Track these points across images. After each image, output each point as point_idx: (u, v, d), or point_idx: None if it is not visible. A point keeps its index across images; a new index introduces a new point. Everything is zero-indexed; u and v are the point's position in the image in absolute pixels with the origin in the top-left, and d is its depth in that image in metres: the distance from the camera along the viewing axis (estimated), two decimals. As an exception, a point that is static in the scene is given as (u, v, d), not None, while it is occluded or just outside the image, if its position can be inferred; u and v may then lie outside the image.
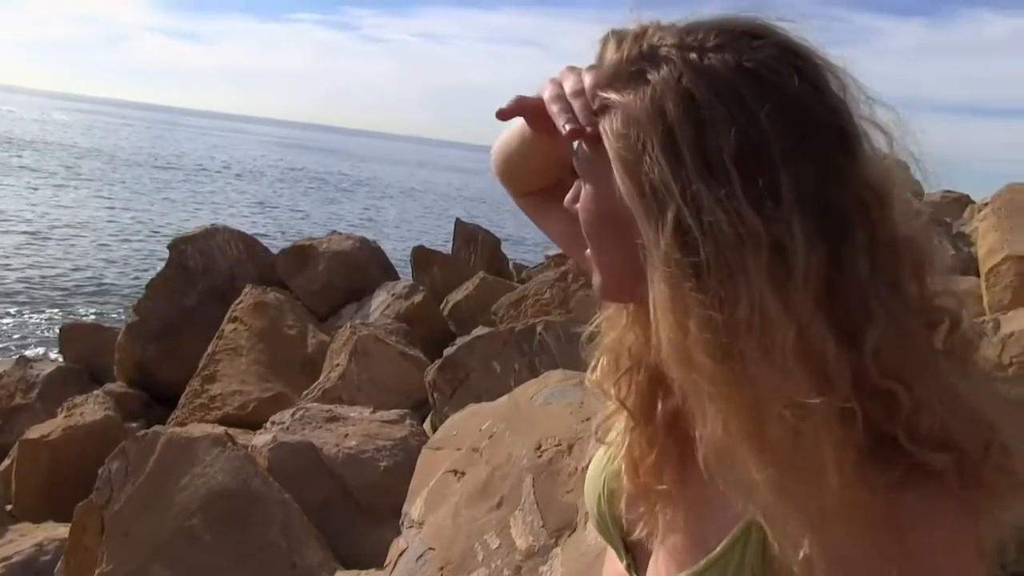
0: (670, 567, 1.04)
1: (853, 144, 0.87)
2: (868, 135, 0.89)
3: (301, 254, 12.15)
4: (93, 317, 17.27)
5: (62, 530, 5.94)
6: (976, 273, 7.07)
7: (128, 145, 76.23)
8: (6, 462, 7.99)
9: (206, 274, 11.64)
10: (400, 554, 3.78)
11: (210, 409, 8.95)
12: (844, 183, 0.84)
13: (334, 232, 13.56)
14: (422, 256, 13.12)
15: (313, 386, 8.35)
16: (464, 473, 3.79)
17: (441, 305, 11.27)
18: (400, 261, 14.56)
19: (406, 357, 8.50)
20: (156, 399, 10.50)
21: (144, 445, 5.24)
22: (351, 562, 5.11)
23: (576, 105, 0.95)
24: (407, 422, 6.61)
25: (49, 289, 20.27)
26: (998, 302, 6.49)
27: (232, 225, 13.57)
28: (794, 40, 0.89)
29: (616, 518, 1.16)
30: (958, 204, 11.05)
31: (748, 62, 0.86)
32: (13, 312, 18.16)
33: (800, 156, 0.83)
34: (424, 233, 32.91)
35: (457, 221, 15.62)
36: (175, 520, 5.02)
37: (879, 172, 0.87)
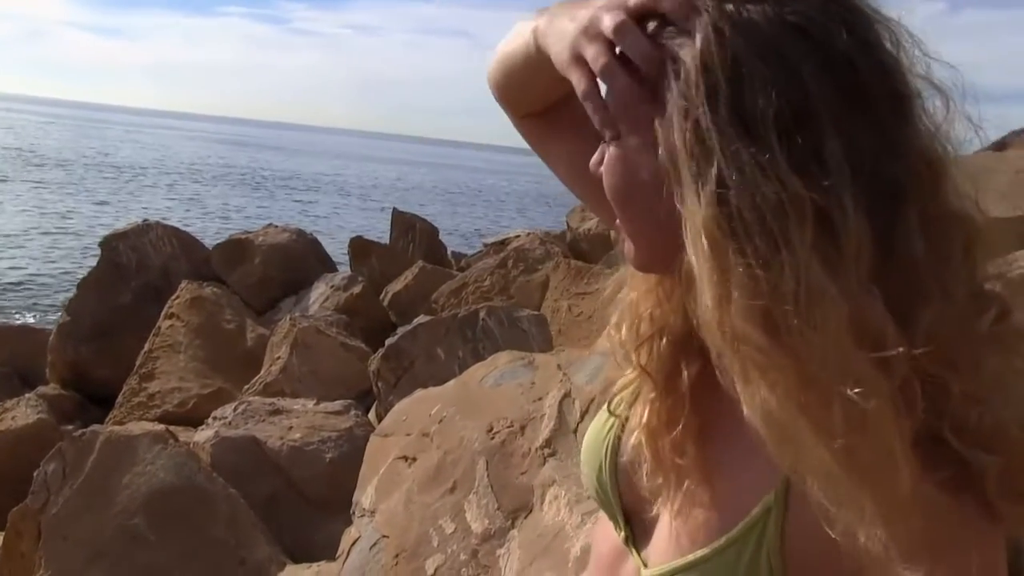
0: (682, 543, 0.97)
1: (906, 109, 0.80)
2: (923, 97, 0.81)
3: (237, 248, 12.00)
4: (26, 319, 16.83)
5: (-4, 538, 5.78)
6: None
7: (55, 143, 74.41)
8: (-65, 471, 7.76)
9: (140, 271, 11.42)
10: (352, 544, 3.71)
11: (149, 407, 8.78)
12: (896, 152, 0.78)
13: (270, 225, 13.39)
14: (360, 247, 13.00)
15: (254, 380, 8.24)
16: (415, 459, 3.73)
17: (381, 295, 11.22)
18: (337, 253, 14.41)
19: (348, 348, 8.44)
20: (92, 400, 10.26)
21: (82, 445, 5.09)
22: (300, 556, 5.04)
23: (632, 42, 0.86)
24: (351, 413, 6.56)
25: (-26, 293, 19.73)
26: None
27: (165, 222, 13.32)
28: None
29: (617, 490, 1.10)
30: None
31: (791, 15, 0.78)
32: (-64, 319, 17.63)
33: (848, 121, 0.76)
34: (360, 224, 32.61)
35: (394, 211, 15.54)
36: (116, 520, 4.89)
37: (934, 141, 0.81)
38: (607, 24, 0.87)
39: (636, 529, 1.08)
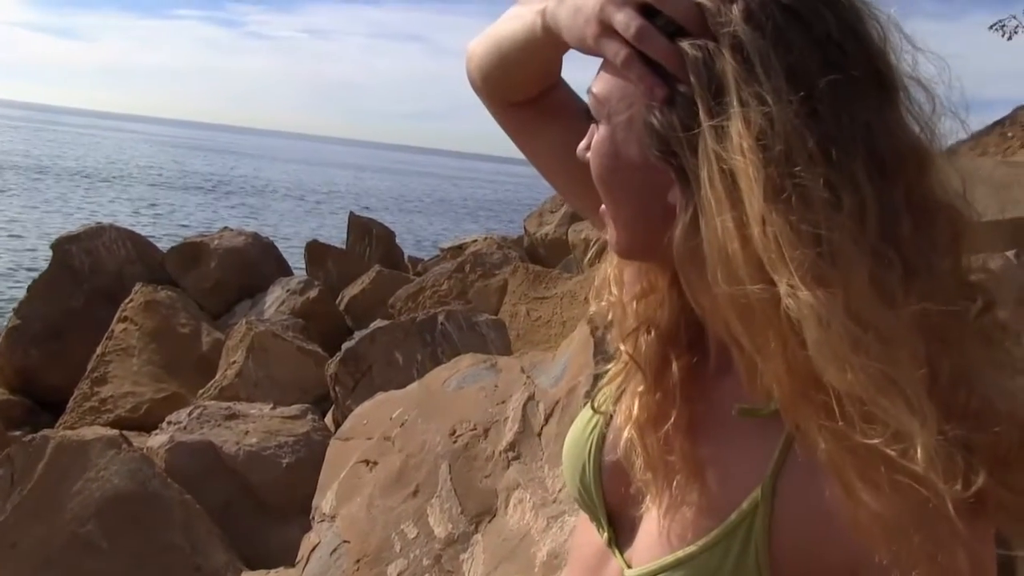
0: (671, 540, 0.95)
1: (892, 97, 0.82)
2: (909, 90, 0.83)
3: (192, 251, 11.86)
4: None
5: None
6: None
7: (6, 145, 73.11)
8: None
9: (93, 274, 11.23)
10: (312, 549, 3.66)
11: (101, 412, 8.64)
12: (881, 130, 0.79)
13: (225, 228, 13.26)
14: (316, 251, 12.91)
15: (209, 384, 8.16)
16: (376, 463, 3.68)
17: (337, 300, 11.16)
18: (293, 257, 14.29)
19: (304, 352, 8.38)
20: (42, 405, 10.06)
21: (32, 451, 4.99)
22: (257, 562, 4.97)
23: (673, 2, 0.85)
24: (308, 417, 6.52)
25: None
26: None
27: (119, 225, 13.11)
28: None
29: (601, 489, 1.07)
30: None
31: None
32: None
33: (839, 93, 0.78)
34: (316, 228, 32.38)
35: (351, 215, 15.47)
36: (68, 527, 4.80)
37: (919, 132, 0.82)
38: None
39: (619, 529, 1.06)
